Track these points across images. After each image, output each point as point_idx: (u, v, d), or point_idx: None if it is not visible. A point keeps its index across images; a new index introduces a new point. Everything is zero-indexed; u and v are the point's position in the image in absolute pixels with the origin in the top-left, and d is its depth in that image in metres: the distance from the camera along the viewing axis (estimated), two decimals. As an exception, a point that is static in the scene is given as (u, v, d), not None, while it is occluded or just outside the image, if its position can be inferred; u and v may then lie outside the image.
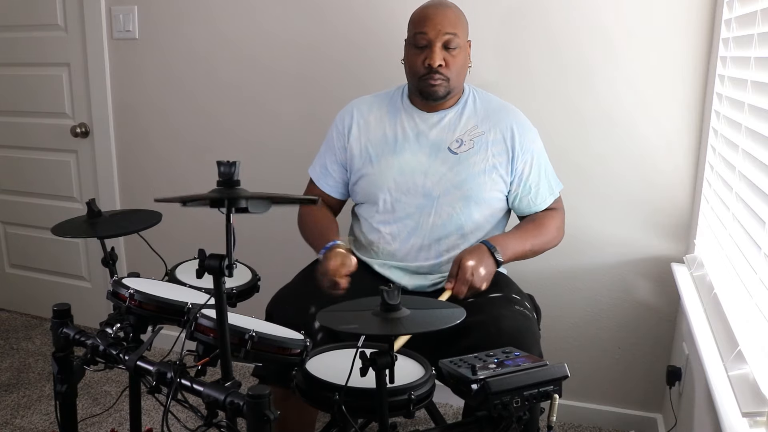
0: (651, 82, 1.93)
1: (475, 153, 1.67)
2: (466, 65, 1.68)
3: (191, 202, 1.13)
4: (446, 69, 1.62)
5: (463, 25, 1.66)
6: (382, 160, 1.71)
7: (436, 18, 1.62)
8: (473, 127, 1.69)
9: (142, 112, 2.56)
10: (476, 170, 1.67)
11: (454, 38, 1.61)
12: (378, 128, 1.74)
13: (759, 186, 1.31)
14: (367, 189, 1.73)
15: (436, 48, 1.61)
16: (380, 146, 1.72)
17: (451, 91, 1.67)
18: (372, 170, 1.72)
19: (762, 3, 1.40)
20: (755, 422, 1.16)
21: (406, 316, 1.10)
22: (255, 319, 1.31)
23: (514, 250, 1.64)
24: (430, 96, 1.66)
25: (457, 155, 1.67)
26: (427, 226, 1.69)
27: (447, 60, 1.62)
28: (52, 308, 1.35)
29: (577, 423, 2.22)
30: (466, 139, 1.68)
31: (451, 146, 1.68)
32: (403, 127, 1.72)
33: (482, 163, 1.67)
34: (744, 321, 1.36)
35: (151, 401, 2.22)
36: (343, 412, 1.14)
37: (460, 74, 1.66)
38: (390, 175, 1.69)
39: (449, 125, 1.70)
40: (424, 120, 1.71)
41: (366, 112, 1.77)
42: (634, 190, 2.01)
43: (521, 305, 1.59)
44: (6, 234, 3.03)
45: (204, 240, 1.36)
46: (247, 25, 2.32)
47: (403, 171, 1.69)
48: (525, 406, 1.12)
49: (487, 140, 1.68)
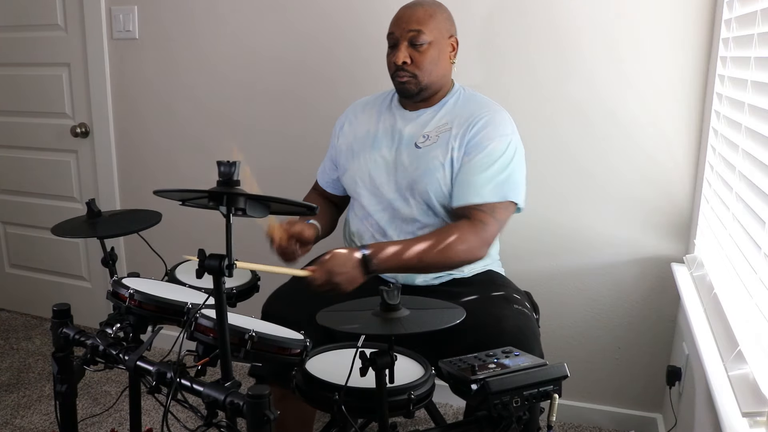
0: (651, 82, 1.93)
1: (437, 147, 1.65)
2: (440, 61, 1.65)
3: (190, 201, 1.13)
4: (413, 66, 1.62)
5: (435, 22, 1.64)
6: (361, 156, 1.74)
7: (404, 17, 1.65)
8: (444, 123, 1.68)
9: (142, 112, 2.56)
10: (435, 164, 1.64)
11: (420, 35, 1.61)
12: (363, 126, 1.78)
13: (759, 186, 1.31)
14: (349, 183, 1.77)
15: (401, 46, 1.63)
16: (361, 142, 1.76)
17: (426, 88, 1.66)
18: (352, 165, 1.76)
19: (762, 3, 1.40)
20: (755, 422, 1.16)
21: (405, 316, 1.10)
22: (255, 319, 1.32)
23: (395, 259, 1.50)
24: (402, 93, 1.68)
25: (420, 149, 1.67)
26: (399, 220, 1.69)
27: (413, 57, 1.62)
28: (52, 308, 1.35)
29: (577, 423, 2.22)
30: (433, 134, 1.67)
31: (417, 141, 1.68)
32: (384, 124, 1.74)
33: (441, 157, 1.64)
34: (744, 321, 1.36)
35: (151, 401, 2.22)
36: (343, 412, 1.14)
37: (432, 71, 1.64)
38: (366, 170, 1.72)
39: (422, 122, 1.70)
40: (403, 117, 1.73)
41: (359, 111, 1.82)
42: (634, 190, 2.01)
43: (520, 304, 1.59)
44: (6, 234, 3.03)
45: (204, 240, 1.36)
46: (249, 24, 2.32)
47: (378, 166, 1.71)
48: (525, 406, 1.12)
49: (450, 134, 1.65)
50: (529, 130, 1.73)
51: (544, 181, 2.04)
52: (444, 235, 1.55)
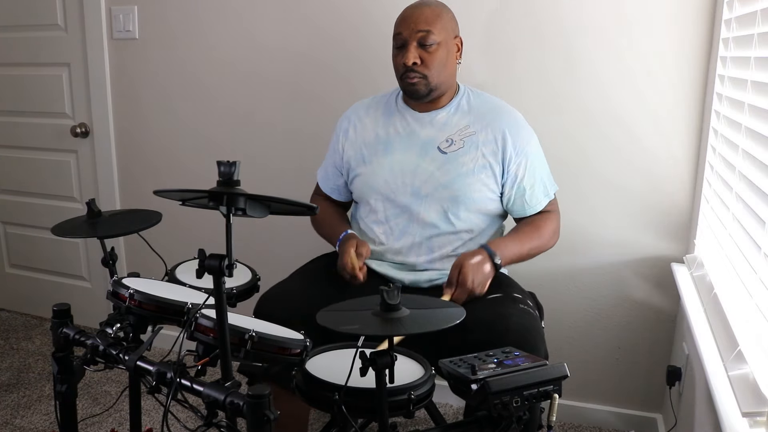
0: (651, 82, 1.93)
1: (465, 153, 1.67)
2: (448, 62, 1.67)
3: (190, 201, 1.13)
4: (422, 67, 1.63)
5: (442, 22, 1.65)
6: (374, 160, 1.73)
7: (412, 17, 1.64)
8: (465, 127, 1.69)
9: (142, 112, 2.56)
10: (465, 170, 1.66)
11: (429, 35, 1.62)
12: (372, 129, 1.76)
13: (759, 186, 1.31)
14: (361, 188, 1.76)
15: (410, 46, 1.63)
16: (373, 147, 1.74)
17: (435, 89, 1.66)
18: (365, 170, 1.74)
19: (762, 3, 1.40)
20: (755, 422, 1.16)
21: (406, 316, 1.10)
22: (255, 319, 1.31)
23: (512, 253, 1.66)
24: (412, 95, 1.68)
25: (446, 155, 1.67)
26: (417, 225, 1.69)
27: (423, 57, 1.63)
28: (52, 308, 1.35)
29: (577, 423, 2.22)
30: (457, 138, 1.68)
31: (440, 146, 1.68)
32: (395, 127, 1.73)
33: (471, 163, 1.66)
34: (744, 321, 1.36)
35: (151, 401, 2.22)
36: (343, 412, 1.14)
37: (441, 71, 1.65)
38: (381, 175, 1.71)
39: (440, 125, 1.70)
40: (416, 120, 1.72)
41: (363, 114, 1.80)
42: (634, 190, 2.01)
43: (525, 303, 1.59)
44: (6, 234, 3.03)
45: (204, 240, 1.36)
46: (249, 25, 2.32)
47: (393, 170, 1.70)
48: (525, 406, 1.12)
49: (477, 140, 1.67)
50: (529, 130, 1.74)
51: (544, 181, 2.04)
52: (543, 227, 1.73)
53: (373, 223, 1.74)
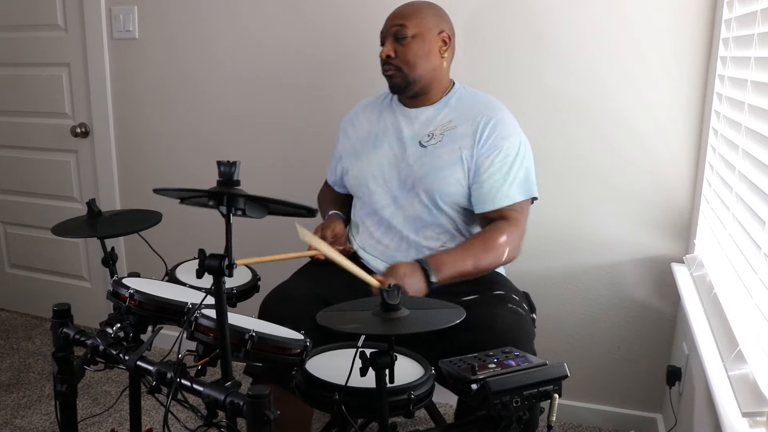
0: (651, 82, 1.93)
1: (443, 146, 1.66)
2: (428, 56, 1.66)
3: (191, 201, 1.13)
4: (396, 59, 1.66)
5: (419, 17, 1.66)
6: (364, 156, 1.76)
7: (391, 15, 1.70)
8: (448, 122, 1.69)
9: (142, 112, 2.56)
10: (440, 163, 1.65)
11: (402, 28, 1.65)
12: (365, 126, 1.80)
13: (759, 186, 1.31)
14: (352, 183, 1.80)
15: (387, 41, 1.67)
16: (363, 142, 1.78)
17: (414, 82, 1.67)
18: (355, 165, 1.78)
19: (762, 3, 1.40)
20: (755, 422, 1.16)
21: (405, 316, 1.10)
22: (255, 319, 1.31)
23: (453, 270, 1.55)
24: (392, 88, 1.73)
25: (426, 148, 1.68)
26: (402, 219, 1.70)
27: (397, 50, 1.66)
28: (52, 308, 1.35)
29: (577, 423, 2.22)
30: (437, 132, 1.68)
31: (422, 140, 1.69)
32: (385, 123, 1.76)
33: (447, 156, 1.65)
34: (744, 321, 1.36)
35: (151, 401, 2.22)
36: (343, 412, 1.14)
37: (418, 64, 1.65)
38: (369, 170, 1.74)
39: (427, 120, 1.71)
40: (405, 115, 1.74)
41: (360, 112, 1.85)
42: (634, 190, 2.01)
43: (516, 303, 1.58)
44: (6, 234, 3.03)
45: (204, 240, 1.36)
46: (250, 25, 2.32)
47: (381, 165, 1.72)
48: (525, 406, 1.12)
49: (456, 134, 1.66)
50: (528, 130, 1.73)
51: (543, 181, 2.03)
52: (492, 238, 1.60)
53: (364, 217, 1.77)
